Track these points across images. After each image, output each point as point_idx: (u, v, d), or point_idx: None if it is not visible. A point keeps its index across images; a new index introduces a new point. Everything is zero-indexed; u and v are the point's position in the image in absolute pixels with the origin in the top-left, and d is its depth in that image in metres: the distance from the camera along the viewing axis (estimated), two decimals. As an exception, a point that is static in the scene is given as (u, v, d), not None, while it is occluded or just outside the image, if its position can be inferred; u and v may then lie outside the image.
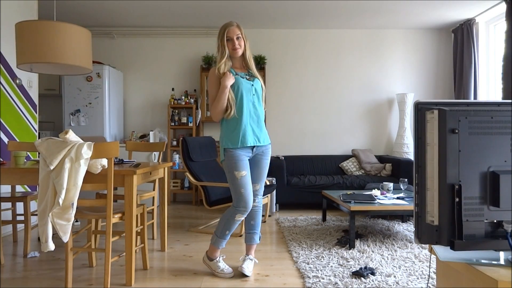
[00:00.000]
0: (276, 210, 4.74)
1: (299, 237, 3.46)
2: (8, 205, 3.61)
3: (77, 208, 2.21)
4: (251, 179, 2.49)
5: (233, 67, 2.52)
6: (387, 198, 3.50)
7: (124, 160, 2.89)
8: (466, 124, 1.06)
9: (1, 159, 2.97)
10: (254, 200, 2.57)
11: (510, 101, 1.09)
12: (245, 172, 2.42)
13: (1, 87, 3.54)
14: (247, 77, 2.52)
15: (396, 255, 2.91)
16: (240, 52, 2.48)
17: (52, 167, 2.13)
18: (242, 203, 2.41)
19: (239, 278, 2.50)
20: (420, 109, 1.10)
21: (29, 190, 3.86)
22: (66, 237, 2.17)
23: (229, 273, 2.52)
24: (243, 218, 2.50)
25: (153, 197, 3.36)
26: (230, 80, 2.39)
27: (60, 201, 2.09)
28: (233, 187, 2.43)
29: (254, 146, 2.48)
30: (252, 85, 2.48)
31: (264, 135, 2.54)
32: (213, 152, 4.29)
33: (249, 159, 2.49)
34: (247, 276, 2.52)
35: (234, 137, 2.42)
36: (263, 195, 3.90)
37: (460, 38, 5.15)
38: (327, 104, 5.64)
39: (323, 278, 2.44)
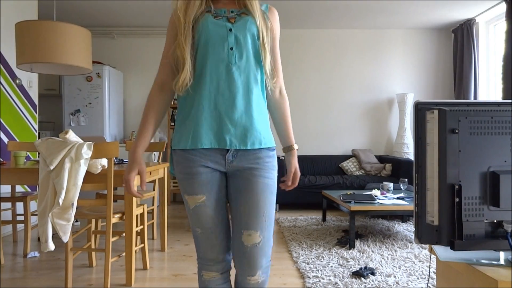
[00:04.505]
0: (276, 210, 4.74)
1: (299, 237, 3.46)
2: (8, 205, 3.61)
3: (77, 208, 2.21)
4: (234, 218, 1.32)
5: (214, 1, 1.34)
6: (387, 198, 3.50)
7: (124, 160, 2.89)
8: (466, 124, 1.06)
9: (1, 159, 2.97)
10: (242, 267, 1.32)
11: (510, 101, 1.09)
12: (203, 197, 1.29)
13: (1, 87, 3.54)
14: (232, 16, 1.31)
15: (396, 255, 2.91)
16: None
17: (52, 167, 2.13)
18: (200, 251, 1.36)
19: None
20: (420, 109, 1.10)
21: (29, 190, 3.86)
22: (66, 237, 2.17)
23: None
24: (215, 277, 1.36)
25: (153, 197, 3.36)
26: (132, 173, 1.29)
27: (60, 201, 2.09)
28: (189, 221, 1.36)
29: (225, 150, 1.27)
30: (231, 30, 1.27)
31: (252, 129, 1.28)
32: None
33: (226, 174, 1.33)
34: None
35: (185, 130, 1.29)
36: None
37: (460, 38, 5.15)
38: (327, 104, 5.64)
39: (323, 278, 2.44)
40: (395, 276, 2.48)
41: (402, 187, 3.73)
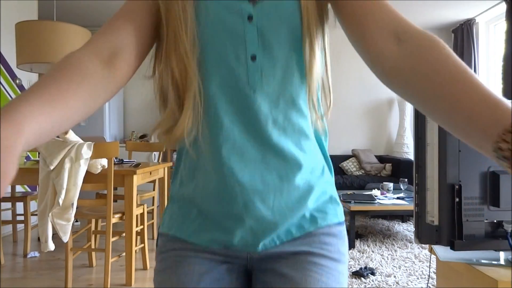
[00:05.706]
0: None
1: (299, 237, 3.47)
2: (8, 205, 3.61)
3: (77, 208, 2.21)
4: None
5: None
6: (387, 198, 3.50)
7: (124, 160, 2.89)
8: (466, 124, 1.06)
9: (1, 159, 2.97)
10: None
11: (510, 101, 1.09)
12: None
13: (1, 87, 3.54)
14: None
15: (396, 255, 2.91)
16: None
17: (52, 167, 2.13)
18: None
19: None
20: (420, 109, 1.10)
21: (29, 190, 3.86)
22: (66, 237, 2.17)
23: None
24: None
25: (153, 197, 3.36)
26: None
27: (60, 201, 2.09)
28: None
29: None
30: (251, 18, 0.61)
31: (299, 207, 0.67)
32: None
33: (248, 270, 0.70)
34: None
35: (174, 207, 0.71)
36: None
37: (460, 38, 5.14)
38: (327, 104, 5.64)
39: (323, 278, 2.44)
40: (395, 276, 2.48)
41: (402, 187, 3.73)
